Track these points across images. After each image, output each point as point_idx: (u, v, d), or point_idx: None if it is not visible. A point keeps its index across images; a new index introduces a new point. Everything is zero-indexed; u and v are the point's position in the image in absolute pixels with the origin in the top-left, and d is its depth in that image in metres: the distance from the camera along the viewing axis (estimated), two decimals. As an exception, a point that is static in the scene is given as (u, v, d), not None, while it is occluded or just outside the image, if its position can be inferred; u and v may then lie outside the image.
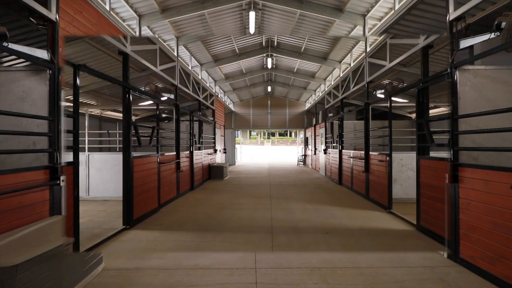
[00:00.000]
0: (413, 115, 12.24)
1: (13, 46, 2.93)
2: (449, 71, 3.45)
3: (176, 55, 7.30)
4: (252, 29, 7.73)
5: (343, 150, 9.33)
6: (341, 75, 9.77)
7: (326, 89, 12.19)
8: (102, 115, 11.23)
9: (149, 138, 5.51)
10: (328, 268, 3.11)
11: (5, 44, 2.82)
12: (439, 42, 4.70)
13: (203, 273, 3.00)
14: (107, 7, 5.32)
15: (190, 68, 8.98)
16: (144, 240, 4.08)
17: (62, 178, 3.04)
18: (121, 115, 12.42)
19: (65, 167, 3.26)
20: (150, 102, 10.61)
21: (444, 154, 4.65)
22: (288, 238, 4.14)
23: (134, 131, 4.82)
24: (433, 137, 3.90)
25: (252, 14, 7.12)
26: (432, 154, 4.73)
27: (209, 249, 3.69)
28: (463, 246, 3.19)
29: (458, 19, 3.31)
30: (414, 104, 6.85)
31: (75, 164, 3.44)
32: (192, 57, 9.38)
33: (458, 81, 3.39)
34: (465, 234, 3.19)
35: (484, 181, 2.93)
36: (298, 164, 18.32)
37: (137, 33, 6.22)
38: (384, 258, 3.39)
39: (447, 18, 3.45)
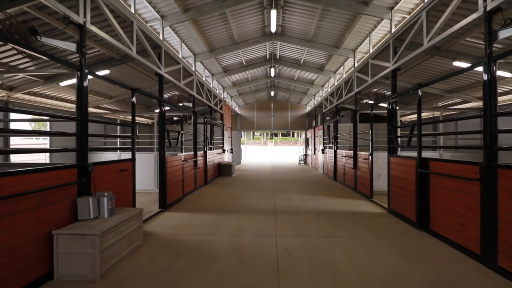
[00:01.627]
0: (403, 118, 13.48)
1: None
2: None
3: (194, 70, 8.64)
4: (273, 28, 7.83)
5: (337, 150, 10.59)
6: (335, 84, 11.05)
7: (323, 95, 13.47)
8: (125, 119, 12.61)
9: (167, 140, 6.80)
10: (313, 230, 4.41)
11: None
12: (406, 65, 5.95)
13: (226, 235, 4.31)
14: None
15: (204, 79, 10.32)
16: (179, 218, 5.40)
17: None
18: (139, 119, 13.78)
19: (127, 162, 4.61)
20: (167, 108, 11.97)
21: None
22: (287, 217, 5.44)
23: (167, 135, 6.15)
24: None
25: (273, 13, 7.04)
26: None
27: (228, 221, 5.01)
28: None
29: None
30: (404, 109, 8.12)
31: (133, 160, 4.78)
32: (205, 69, 10.73)
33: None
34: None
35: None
36: (299, 163, 19.58)
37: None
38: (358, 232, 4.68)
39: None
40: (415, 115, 12.69)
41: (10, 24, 3.07)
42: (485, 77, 3.31)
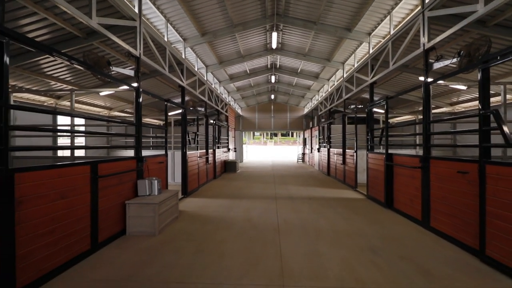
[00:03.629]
0: (390, 120, 14.88)
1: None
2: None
3: (206, 79, 10.03)
4: (274, 45, 9.36)
5: (330, 149, 11.99)
6: (329, 90, 12.45)
7: (319, 99, 14.87)
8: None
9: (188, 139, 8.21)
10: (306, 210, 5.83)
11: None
12: (380, 79, 7.35)
13: (240, 212, 5.72)
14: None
15: (213, 86, 11.72)
16: (199, 201, 6.80)
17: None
18: (154, 120, 15.14)
19: (163, 157, 6.01)
20: (179, 111, 13.35)
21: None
22: (285, 201, 6.84)
23: (188, 136, 7.54)
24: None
25: (274, 34, 8.46)
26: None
27: (239, 204, 6.42)
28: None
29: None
30: (389, 112, 9.50)
31: (166, 155, 6.17)
32: (214, 78, 12.13)
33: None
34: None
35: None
36: (297, 161, 20.98)
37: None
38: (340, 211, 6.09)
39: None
40: (400, 118, 14.13)
41: (94, 59, 4.46)
42: (423, 96, 4.72)
